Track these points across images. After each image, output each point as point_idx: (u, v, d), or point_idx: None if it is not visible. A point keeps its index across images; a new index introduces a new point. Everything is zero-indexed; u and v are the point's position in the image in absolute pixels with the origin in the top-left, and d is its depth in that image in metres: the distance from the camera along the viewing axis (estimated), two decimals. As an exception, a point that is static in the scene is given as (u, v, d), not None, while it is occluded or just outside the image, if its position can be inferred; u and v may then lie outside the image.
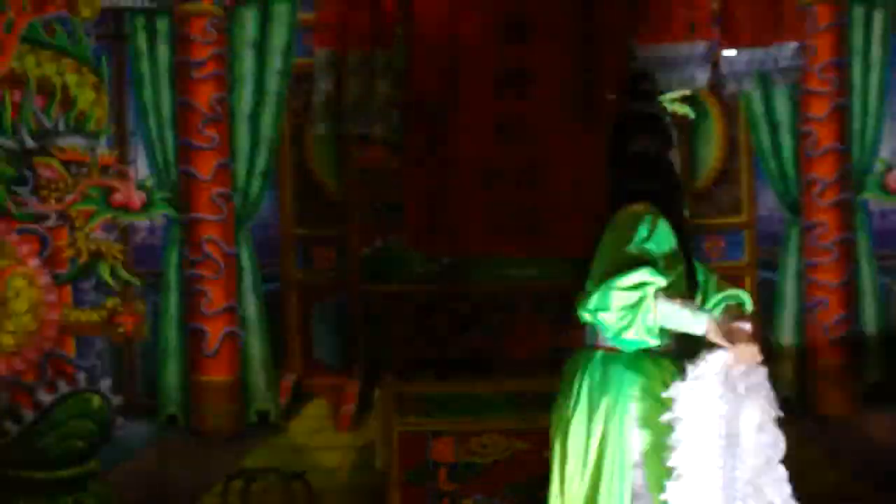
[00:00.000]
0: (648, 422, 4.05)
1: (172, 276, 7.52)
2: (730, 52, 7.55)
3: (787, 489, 3.91)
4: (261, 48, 7.52)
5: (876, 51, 7.59)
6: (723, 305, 3.99)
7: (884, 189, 7.65)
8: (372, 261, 7.81)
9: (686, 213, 4.19)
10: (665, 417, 3.94)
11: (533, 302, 7.60)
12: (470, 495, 6.42)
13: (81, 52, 7.37)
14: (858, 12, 7.57)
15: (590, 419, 4.07)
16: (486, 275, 7.66)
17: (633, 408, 4.04)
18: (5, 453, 7.05)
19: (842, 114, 7.61)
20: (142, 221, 7.56)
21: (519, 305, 7.64)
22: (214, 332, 7.47)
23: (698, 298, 4.13)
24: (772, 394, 3.93)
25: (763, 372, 3.87)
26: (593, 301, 3.82)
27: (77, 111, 7.38)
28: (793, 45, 7.51)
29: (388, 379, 7.14)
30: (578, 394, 4.09)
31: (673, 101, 4.17)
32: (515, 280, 7.67)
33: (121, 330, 7.42)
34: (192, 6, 7.40)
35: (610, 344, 3.99)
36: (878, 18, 7.56)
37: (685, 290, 4.04)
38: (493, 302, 7.65)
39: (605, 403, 4.07)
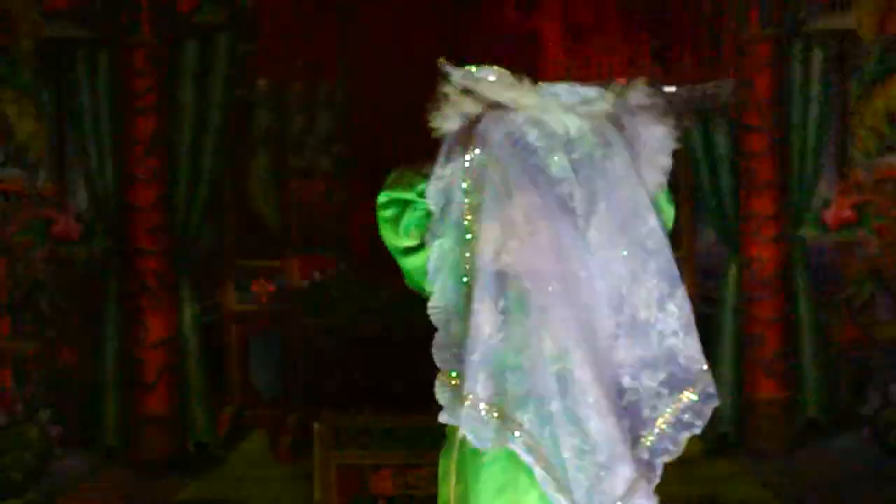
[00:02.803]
0: None
1: (112, 307, 7.50)
2: (669, 89, 7.49)
3: None
4: (202, 80, 7.55)
5: (814, 88, 7.66)
6: None
7: (821, 225, 7.75)
8: (311, 293, 7.86)
9: None
10: None
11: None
12: (409, 528, 6.48)
13: (21, 83, 7.48)
14: (797, 50, 7.64)
15: None
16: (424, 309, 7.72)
17: None
18: None
19: (780, 150, 7.67)
20: (81, 252, 7.55)
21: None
22: (153, 363, 7.48)
23: None
24: None
25: None
26: None
27: (16, 142, 7.50)
28: (731, 81, 7.59)
29: (327, 411, 7.08)
30: None
31: None
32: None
33: (60, 361, 7.46)
34: (134, 38, 7.43)
35: None
36: (816, 56, 7.64)
37: None
38: (431, 336, 7.70)
39: None
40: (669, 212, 3.52)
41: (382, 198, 3.49)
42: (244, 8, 7.61)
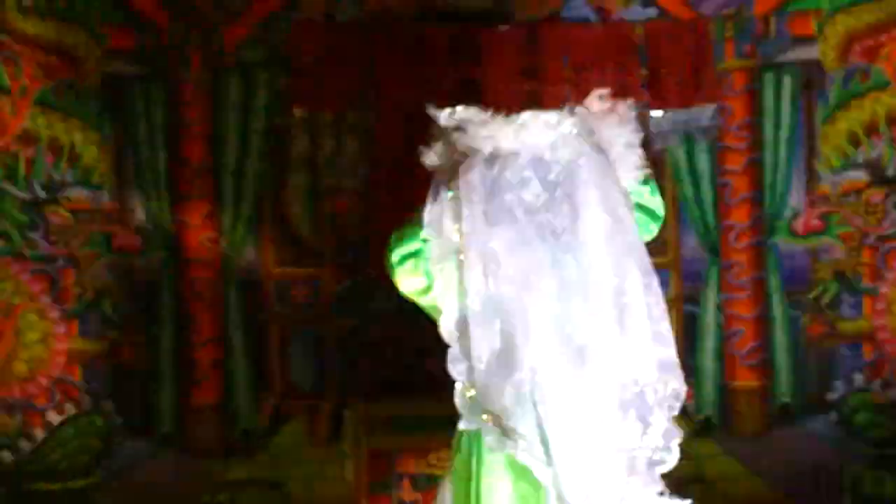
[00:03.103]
0: None
1: (167, 310, 7.72)
2: (657, 113, 7.76)
3: None
4: (244, 110, 7.70)
5: (785, 111, 7.84)
6: None
7: (792, 233, 7.90)
8: (342, 297, 7.89)
9: None
10: None
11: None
12: (430, 503, 6.60)
13: (86, 113, 7.63)
14: (769, 78, 7.85)
15: None
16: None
17: None
18: (20, 468, 7.53)
19: (755, 167, 7.82)
20: (140, 262, 7.73)
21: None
22: (204, 360, 7.71)
23: None
24: None
25: None
26: None
27: (83, 166, 7.66)
28: (712, 106, 7.78)
29: (357, 401, 7.37)
30: None
31: None
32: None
33: (121, 358, 7.71)
34: (184, 74, 7.64)
35: None
36: (786, 83, 7.83)
37: None
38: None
39: None
40: (656, 201, 3.76)
41: (395, 257, 3.69)
42: (281, 47, 7.72)
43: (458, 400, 3.47)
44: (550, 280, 3.38)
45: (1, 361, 7.63)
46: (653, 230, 3.81)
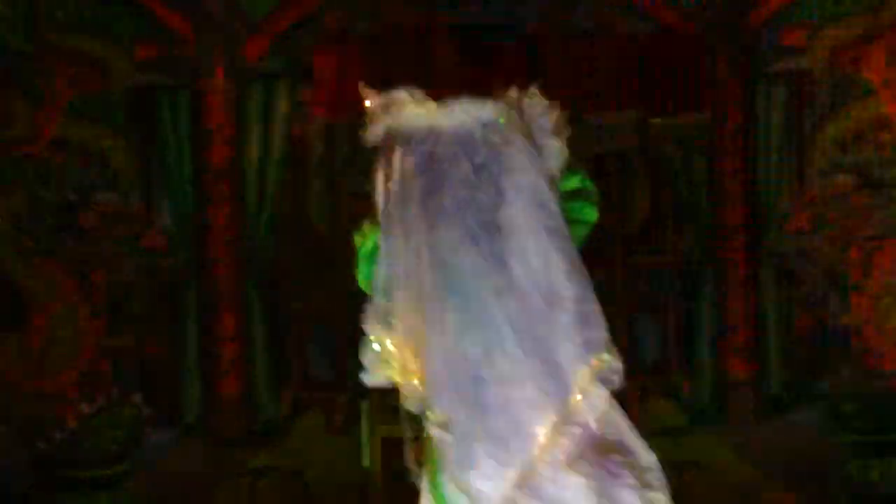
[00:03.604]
0: None
1: (192, 307, 7.93)
2: (655, 121, 8.00)
3: None
4: (265, 117, 7.93)
5: (776, 118, 8.12)
6: None
7: (782, 233, 8.17)
8: (358, 295, 7.92)
9: None
10: None
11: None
12: (441, 488, 6.82)
13: (115, 121, 7.91)
14: (761, 87, 8.12)
15: None
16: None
17: None
18: (53, 456, 7.34)
19: (748, 171, 8.10)
20: (166, 262, 7.96)
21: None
22: (227, 354, 7.92)
23: None
24: None
25: None
26: None
27: (111, 171, 7.94)
28: (706, 114, 8.02)
29: (372, 393, 6.95)
30: None
31: None
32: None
33: (149, 352, 7.95)
34: (209, 83, 7.87)
35: None
36: (777, 92, 8.11)
37: None
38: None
39: None
40: (588, 186, 3.57)
41: (361, 277, 3.57)
42: (301, 59, 7.93)
43: (364, 355, 3.38)
44: (465, 257, 3.30)
45: (35, 356, 7.84)
46: (593, 215, 3.70)
